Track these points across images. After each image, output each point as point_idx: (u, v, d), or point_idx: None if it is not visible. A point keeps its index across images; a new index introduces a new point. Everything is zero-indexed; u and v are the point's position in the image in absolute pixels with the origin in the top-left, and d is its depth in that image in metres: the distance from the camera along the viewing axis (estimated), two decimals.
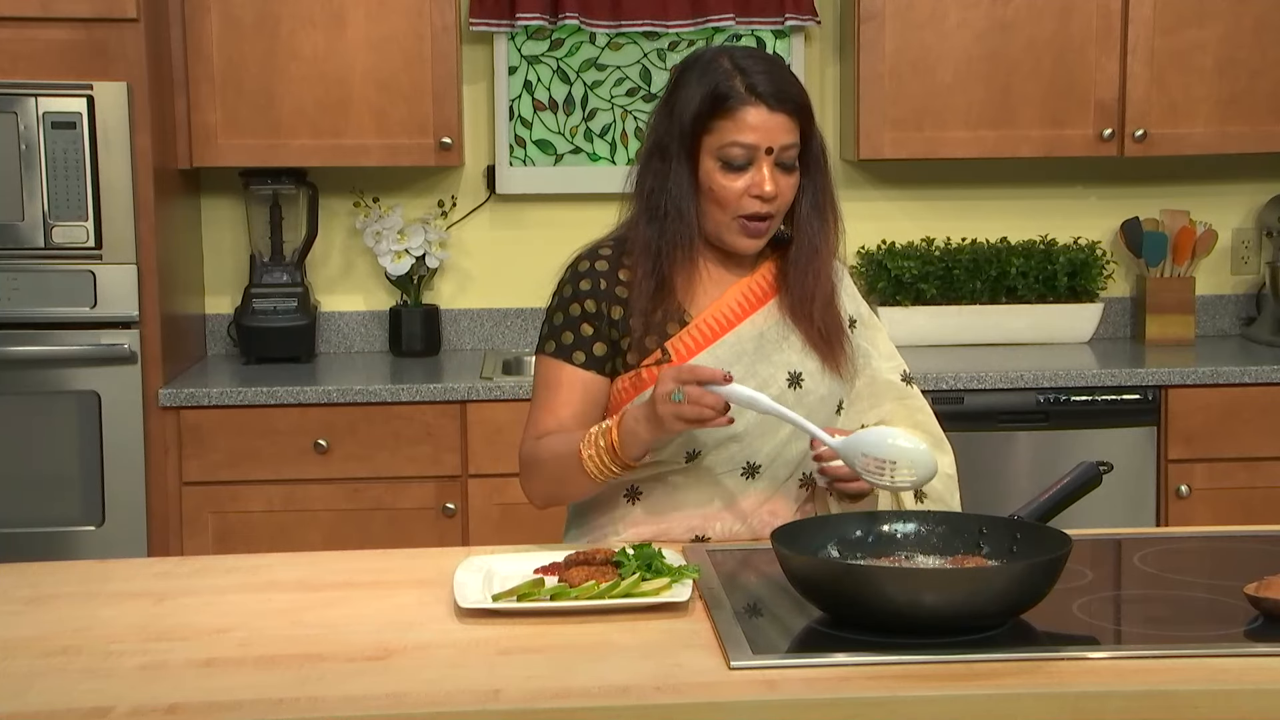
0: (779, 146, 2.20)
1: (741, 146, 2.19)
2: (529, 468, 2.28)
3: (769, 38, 4.24)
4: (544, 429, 2.26)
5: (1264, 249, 4.39)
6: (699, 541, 2.25)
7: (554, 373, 2.27)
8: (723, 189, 2.21)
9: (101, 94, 3.53)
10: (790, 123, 2.21)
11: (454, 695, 1.61)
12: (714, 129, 2.20)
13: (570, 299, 2.28)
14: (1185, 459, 3.77)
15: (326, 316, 4.26)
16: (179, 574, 2.14)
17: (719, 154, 2.20)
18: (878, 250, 4.25)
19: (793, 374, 2.27)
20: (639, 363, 2.25)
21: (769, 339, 2.28)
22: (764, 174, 2.20)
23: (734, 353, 2.25)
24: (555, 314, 2.29)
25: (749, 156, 2.20)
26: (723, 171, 2.21)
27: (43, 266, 3.56)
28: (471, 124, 4.21)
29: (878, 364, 2.38)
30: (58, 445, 3.60)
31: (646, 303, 2.24)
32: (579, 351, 2.26)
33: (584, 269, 2.29)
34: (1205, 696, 1.61)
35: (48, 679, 1.69)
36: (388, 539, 3.62)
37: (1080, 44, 3.98)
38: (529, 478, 2.29)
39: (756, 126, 2.19)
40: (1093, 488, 2.11)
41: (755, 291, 2.31)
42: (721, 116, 2.19)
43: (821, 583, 1.81)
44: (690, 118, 2.21)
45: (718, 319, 2.28)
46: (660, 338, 2.25)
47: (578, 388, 2.26)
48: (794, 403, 2.24)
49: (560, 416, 2.26)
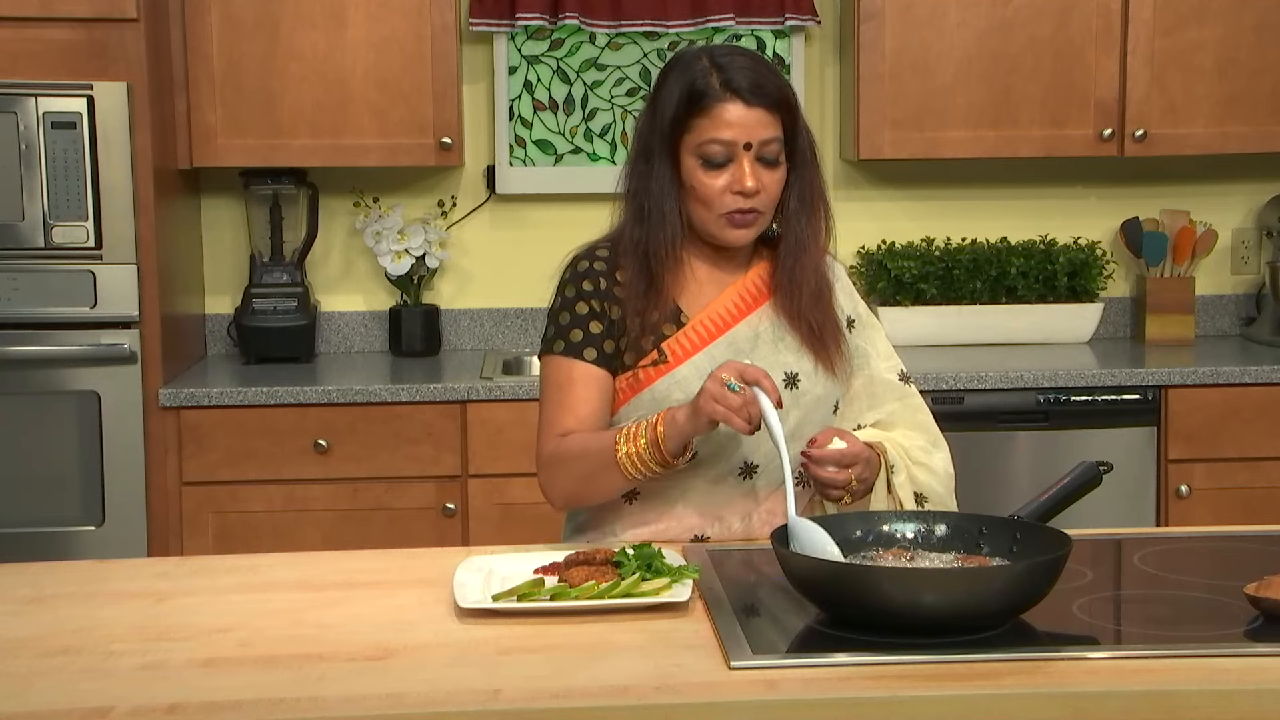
0: (758, 141, 2.20)
1: (720, 143, 2.19)
2: (553, 466, 2.24)
3: (769, 38, 4.24)
4: (565, 427, 2.24)
5: (1264, 249, 4.39)
6: (699, 541, 2.25)
7: (565, 371, 2.26)
8: (704, 187, 2.21)
9: (101, 94, 3.53)
10: (769, 117, 2.21)
11: (454, 695, 1.61)
12: (692, 128, 2.20)
13: (575, 298, 2.27)
14: (1185, 459, 3.77)
15: (326, 316, 4.26)
16: (179, 574, 2.14)
17: (698, 152, 2.21)
18: (878, 250, 4.25)
19: (789, 374, 2.27)
20: (635, 363, 2.25)
21: (765, 339, 2.28)
22: (744, 169, 2.20)
23: (730, 353, 2.25)
24: (561, 314, 2.28)
25: (728, 153, 2.20)
26: (704, 169, 2.21)
27: (43, 266, 3.56)
28: (471, 124, 4.21)
29: (876, 364, 2.38)
30: (58, 445, 3.60)
31: (639, 303, 2.24)
32: (590, 348, 2.25)
33: (584, 269, 2.29)
34: (1205, 696, 1.61)
35: (48, 679, 1.69)
36: (388, 539, 3.62)
37: (1080, 44, 3.98)
38: (553, 477, 2.25)
39: (733, 122, 2.19)
40: (1093, 488, 2.11)
41: (751, 292, 2.31)
42: (699, 115, 2.20)
43: (821, 583, 1.81)
44: (670, 118, 2.22)
45: (714, 320, 2.28)
46: (656, 338, 2.25)
47: (593, 385, 2.25)
48: (791, 403, 2.25)
49: (580, 415, 2.23)
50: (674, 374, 2.24)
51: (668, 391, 2.23)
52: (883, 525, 2.01)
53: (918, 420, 2.37)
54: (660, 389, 2.23)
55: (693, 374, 2.23)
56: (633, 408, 2.26)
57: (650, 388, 2.24)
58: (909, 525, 2.02)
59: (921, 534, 2.00)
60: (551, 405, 2.27)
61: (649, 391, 2.24)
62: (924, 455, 2.32)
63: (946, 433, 2.41)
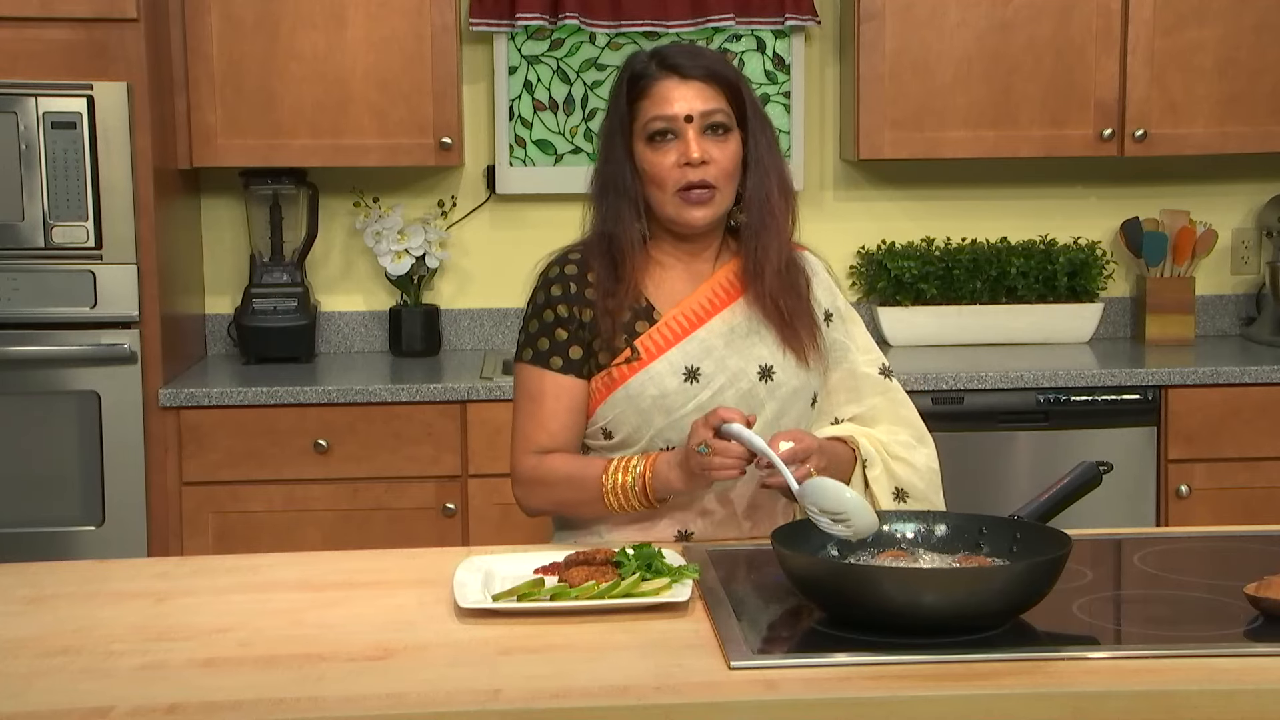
0: (699, 113, 2.23)
1: (661, 119, 2.24)
2: (532, 485, 2.31)
3: (769, 38, 4.24)
4: (536, 443, 2.29)
5: (1264, 249, 4.39)
6: (684, 538, 2.26)
7: (534, 382, 2.30)
8: (654, 165, 2.25)
9: (101, 94, 3.53)
10: (709, 90, 2.24)
11: (454, 695, 1.61)
12: (638, 113, 2.26)
13: (543, 305, 2.31)
14: (1185, 459, 3.77)
15: (326, 316, 4.26)
16: (179, 574, 2.14)
17: (644, 133, 2.25)
18: (878, 250, 4.25)
19: (764, 367, 2.28)
20: (610, 362, 2.26)
21: (739, 333, 2.30)
22: (689, 141, 2.23)
23: (703, 348, 2.27)
24: (530, 321, 2.32)
25: (671, 127, 2.23)
26: (651, 149, 2.25)
27: (43, 266, 3.56)
28: (471, 124, 4.21)
29: (855, 357, 2.39)
30: (58, 445, 3.60)
31: (610, 301, 2.27)
32: (555, 356, 2.28)
33: (554, 275, 2.32)
34: (1205, 696, 1.61)
35: (48, 679, 1.69)
36: (388, 539, 3.62)
37: (1080, 44, 3.98)
38: (531, 494, 2.32)
39: (671, 98, 2.23)
40: (1093, 488, 2.11)
41: (724, 286, 2.33)
42: (641, 98, 2.26)
43: (821, 583, 1.82)
44: (619, 111, 2.27)
45: (687, 315, 2.30)
46: (630, 336, 2.27)
47: (562, 396, 2.28)
48: (766, 396, 2.27)
49: (550, 429, 2.28)
50: (648, 370, 2.26)
51: (642, 388, 2.24)
52: (883, 525, 2.01)
53: (901, 415, 2.38)
54: (635, 385, 2.25)
55: (667, 370, 2.25)
56: (609, 406, 2.28)
57: (625, 385, 2.26)
58: (909, 525, 2.02)
59: (921, 534, 2.01)
60: (524, 417, 2.31)
61: (624, 389, 2.25)
62: (905, 450, 2.33)
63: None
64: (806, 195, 4.28)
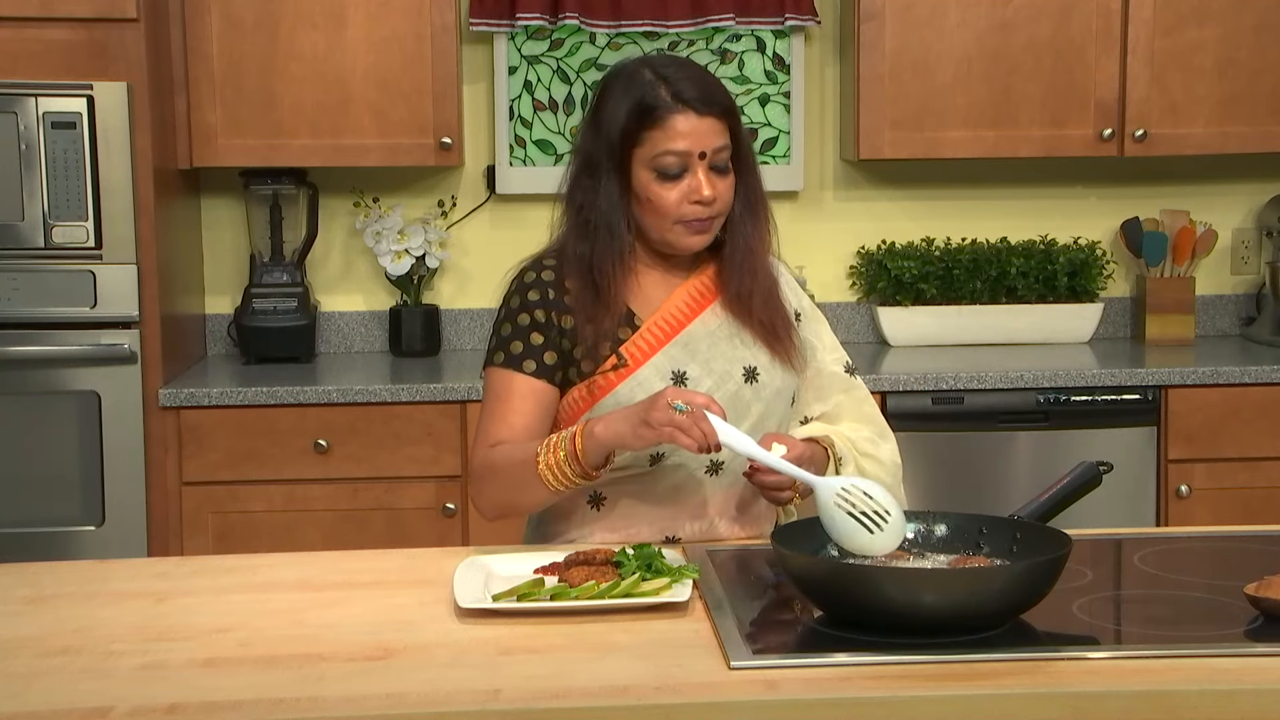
0: (711, 150, 2.22)
1: (674, 154, 2.20)
2: (482, 477, 2.25)
3: (769, 38, 4.24)
4: (497, 437, 2.24)
5: (1264, 249, 4.39)
6: (670, 543, 2.25)
7: (504, 383, 2.26)
8: (660, 198, 2.22)
9: (101, 94, 3.53)
10: (719, 125, 2.22)
11: (454, 695, 1.61)
12: (644, 140, 2.21)
13: (519, 309, 2.28)
14: (1185, 459, 3.77)
15: (326, 316, 4.26)
16: (179, 574, 2.14)
17: (653, 165, 2.21)
18: (878, 250, 4.25)
19: (748, 369, 2.29)
20: (594, 370, 2.25)
21: (721, 335, 2.30)
22: (700, 179, 2.21)
23: (688, 351, 2.27)
24: (504, 325, 2.29)
25: (683, 164, 2.21)
26: (658, 182, 2.22)
27: (43, 266, 3.56)
28: (471, 124, 4.21)
29: (822, 356, 2.40)
30: (58, 445, 3.60)
31: (591, 310, 2.25)
32: (529, 360, 2.25)
33: (531, 280, 2.30)
34: (1205, 696, 1.61)
35: (48, 679, 1.69)
36: (388, 539, 3.62)
37: (1080, 44, 3.98)
38: (481, 487, 2.26)
39: (686, 133, 2.20)
40: (1093, 488, 2.11)
41: (700, 289, 2.33)
42: (651, 127, 2.20)
43: (821, 583, 1.82)
44: (619, 132, 2.22)
45: (668, 320, 2.29)
46: (613, 343, 2.26)
47: (530, 397, 2.25)
48: (752, 397, 2.28)
49: (513, 425, 2.24)
50: (635, 376, 2.25)
51: (631, 394, 2.23)
52: None
53: (864, 412, 2.39)
54: (623, 392, 2.24)
55: (653, 374, 2.25)
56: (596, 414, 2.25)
57: (613, 392, 2.24)
58: (909, 525, 2.02)
59: (921, 534, 2.01)
60: (486, 415, 2.28)
61: (612, 396, 2.24)
62: (871, 446, 2.34)
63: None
64: (806, 195, 4.28)
